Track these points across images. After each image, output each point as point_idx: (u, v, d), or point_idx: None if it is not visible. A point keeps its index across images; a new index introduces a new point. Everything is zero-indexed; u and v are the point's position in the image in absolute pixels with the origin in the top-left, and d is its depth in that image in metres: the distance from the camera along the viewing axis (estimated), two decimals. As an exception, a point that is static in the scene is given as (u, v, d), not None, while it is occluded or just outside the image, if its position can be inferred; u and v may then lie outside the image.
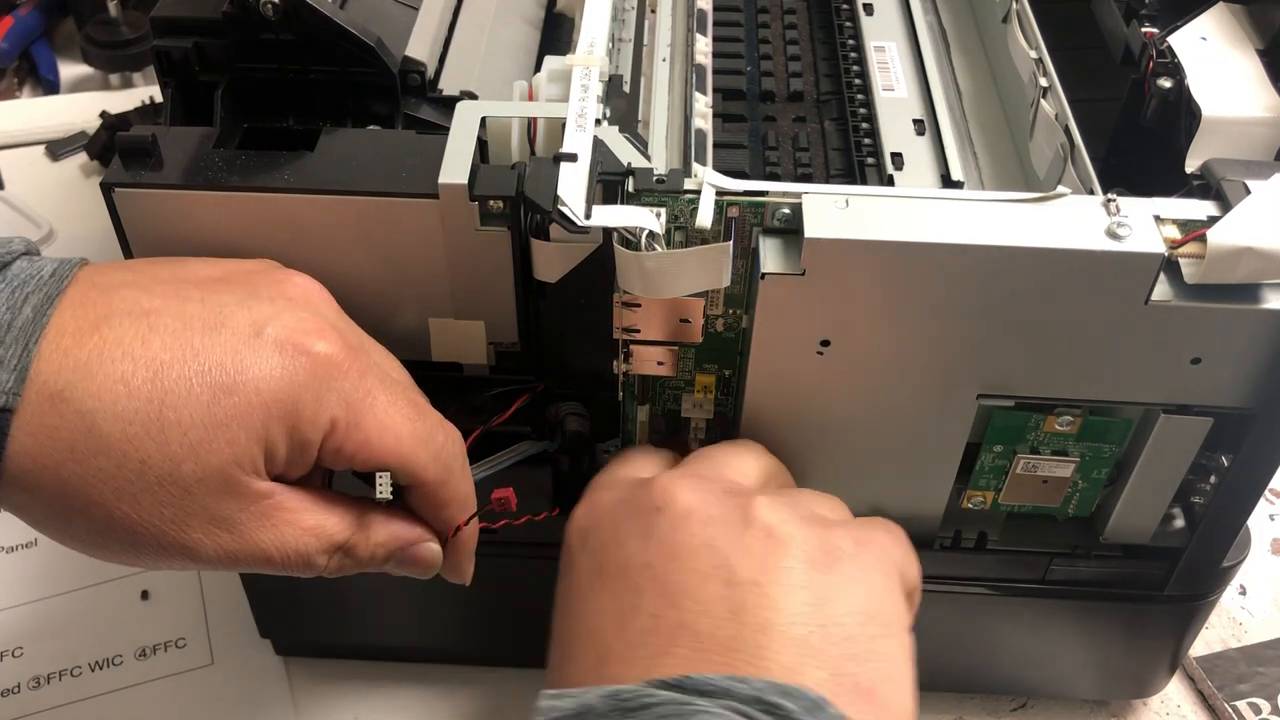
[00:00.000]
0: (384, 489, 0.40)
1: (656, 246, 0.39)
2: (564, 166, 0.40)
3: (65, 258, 0.38)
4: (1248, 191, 0.40)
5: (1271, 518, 0.67)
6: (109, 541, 0.37)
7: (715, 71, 0.54)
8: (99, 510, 0.36)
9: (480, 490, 0.44)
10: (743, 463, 0.44)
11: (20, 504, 0.36)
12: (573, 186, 0.39)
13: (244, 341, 0.37)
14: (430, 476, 0.40)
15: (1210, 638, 0.61)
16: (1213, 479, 0.47)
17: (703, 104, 0.51)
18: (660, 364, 0.45)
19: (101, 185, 0.41)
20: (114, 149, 0.42)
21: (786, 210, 0.40)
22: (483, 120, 0.43)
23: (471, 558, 0.44)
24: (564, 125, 0.42)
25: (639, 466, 0.45)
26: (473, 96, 0.46)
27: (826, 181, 0.50)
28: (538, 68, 0.47)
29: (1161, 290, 0.40)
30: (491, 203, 0.41)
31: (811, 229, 0.39)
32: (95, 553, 0.38)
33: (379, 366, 0.40)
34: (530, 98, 0.46)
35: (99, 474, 0.35)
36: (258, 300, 0.38)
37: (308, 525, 0.39)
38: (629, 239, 0.39)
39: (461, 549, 0.44)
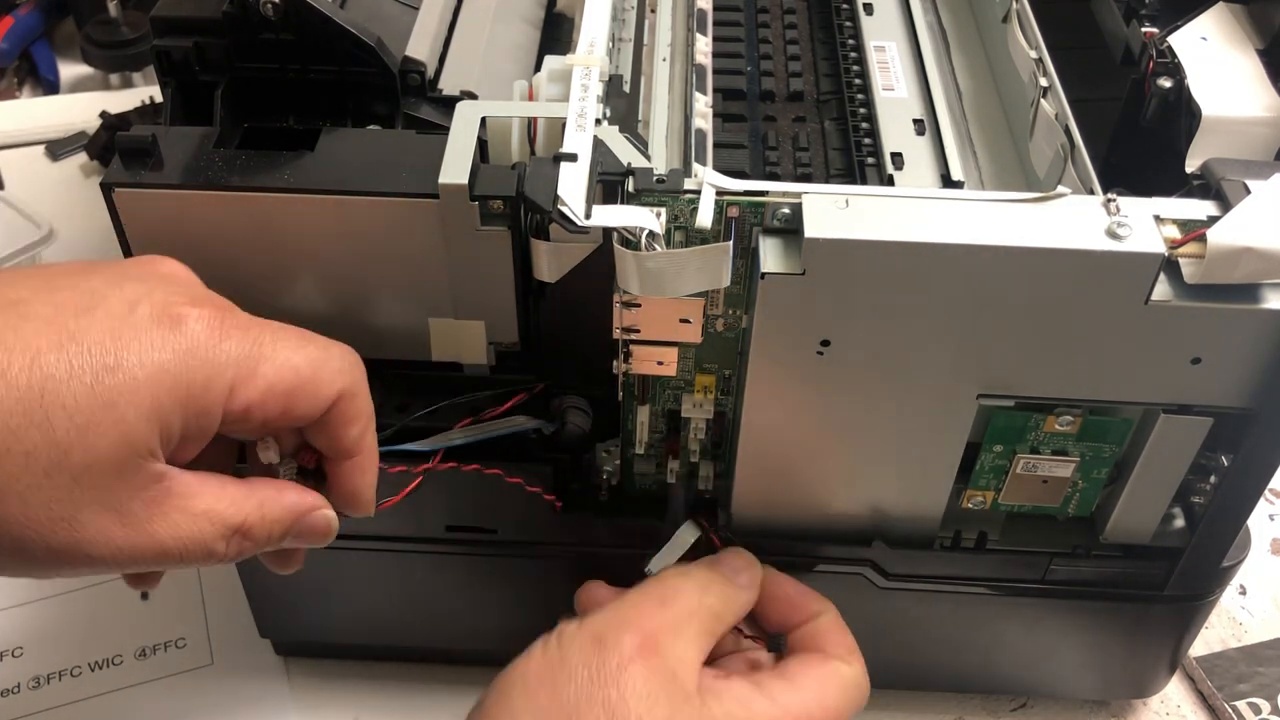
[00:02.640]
0: (270, 452, 0.39)
1: (656, 246, 0.39)
2: (564, 166, 0.40)
3: None
4: (1248, 191, 0.40)
5: (1271, 518, 0.67)
6: None
7: (715, 71, 0.54)
8: None
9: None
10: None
11: None
12: (573, 186, 0.39)
13: (120, 319, 0.35)
14: (337, 389, 0.39)
15: (1210, 638, 0.61)
16: (1213, 479, 0.47)
17: (703, 104, 0.51)
18: (660, 364, 0.45)
19: (101, 185, 0.42)
20: (114, 149, 0.42)
21: (786, 210, 0.40)
22: (483, 120, 0.43)
23: (375, 481, 0.43)
24: (564, 125, 0.42)
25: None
26: (473, 96, 0.46)
27: (826, 181, 0.50)
28: (538, 67, 0.47)
29: (1161, 290, 0.40)
30: (492, 203, 0.41)
31: (811, 229, 0.39)
32: None
33: (257, 319, 0.39)
34: (530, 98, 0.46)
35: None
36: (128, 280, 0.37)
37: (201, 509, 0.37)
38: (629, 239, 0.39)
39: (367, 471, 0.42)
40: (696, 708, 0.41)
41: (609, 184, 0.41)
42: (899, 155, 0.50)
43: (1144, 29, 0.50)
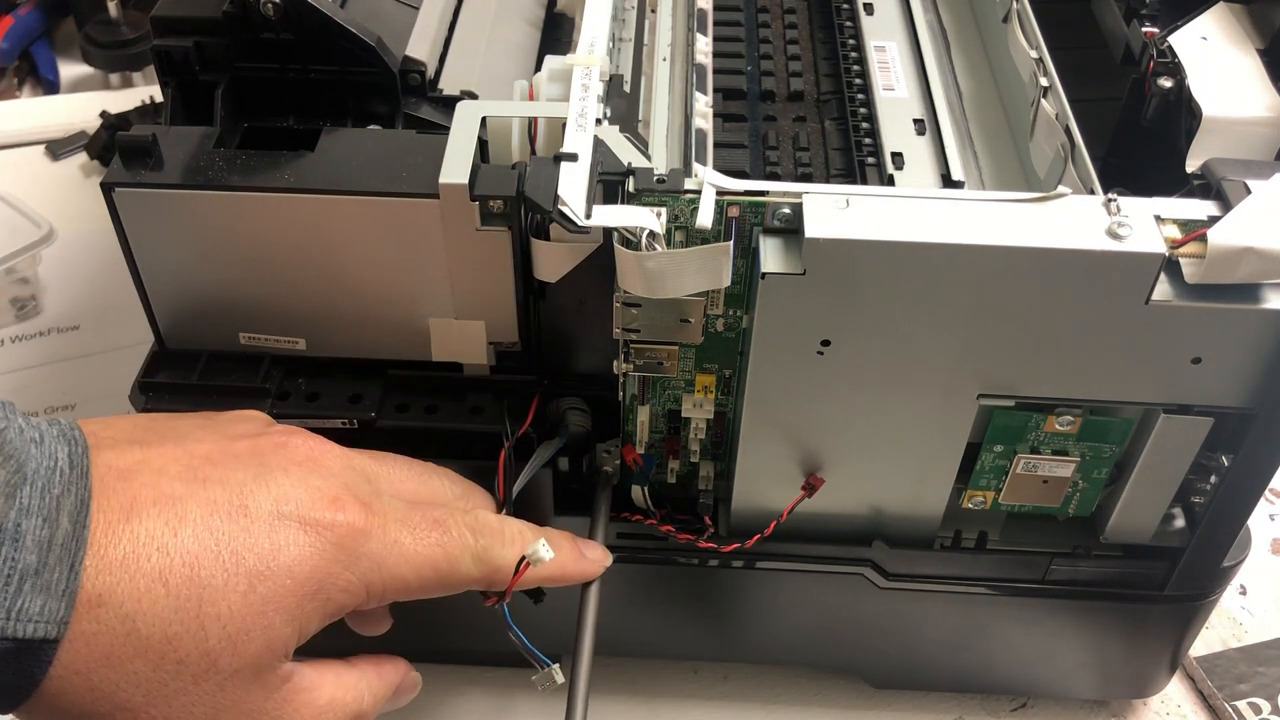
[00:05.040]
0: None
1: (657, 246, 0.39)
2: (564, 166, 0.40)
3: (60, 423, 0.36)
4: (1248, 191, 0.40)
5: (1271, 518, 0.67)
6: None
7: (715, 71, 0.54)
8: (125, 716, 0.34)
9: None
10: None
11: (34, 712, 0.34)
12: (573, 186, 0.39)
13: (268, 525, 0.36)
14: (479, 576, 0.41)
15: (1210, 638, 0.61)
16: (1213, 479, 0.47)
17: (703, 104, 0.50)
18: (660, 364, 0.45)
19: (102, 185, 0.42)
20: (114, 149, 0.42)
21: (787, 210, 0.40)
22: (483, 120, 0.43)
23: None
24: (564, 125, 0.42)
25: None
26: (473, 96, 0.46)
27: (827, 181, 0.50)
28: (538, 67, 0.47)
29: (1162, 290, 0.40)
30: (492, 203, 0.41)
31: (812, 229, 0.39)
32: None
33: (394, 506, 0.40)
34: (530, 97, 0.46)
35: (134, 678, 0.34)
36: (271, 473, 0.38)
37: (324, 702, 0.39)
38: (629, 239, 0.39)
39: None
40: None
41: (609, 184, 0.41)
42: (899, 155, 0.50)
43: (1144, 29, 0.50)
